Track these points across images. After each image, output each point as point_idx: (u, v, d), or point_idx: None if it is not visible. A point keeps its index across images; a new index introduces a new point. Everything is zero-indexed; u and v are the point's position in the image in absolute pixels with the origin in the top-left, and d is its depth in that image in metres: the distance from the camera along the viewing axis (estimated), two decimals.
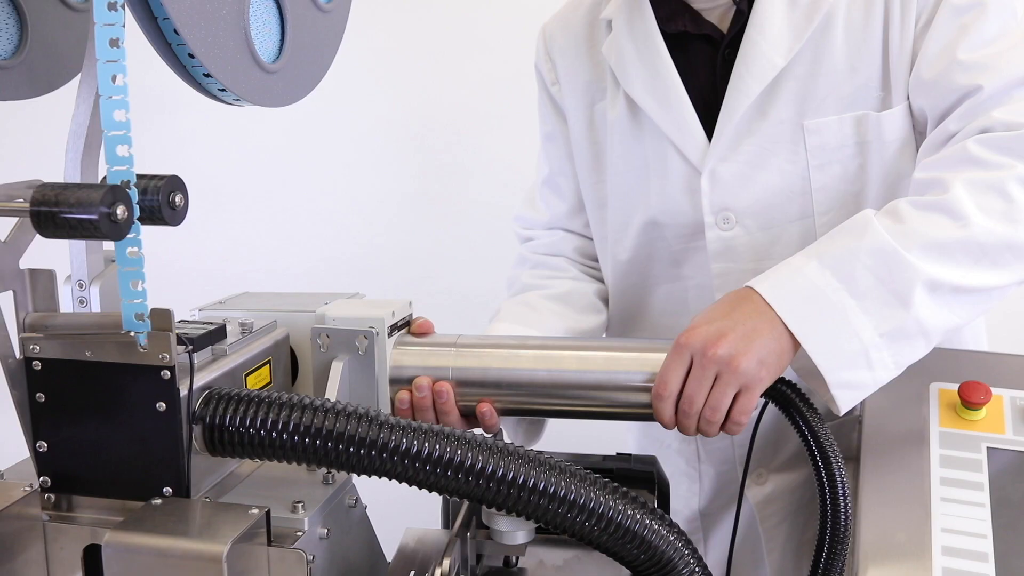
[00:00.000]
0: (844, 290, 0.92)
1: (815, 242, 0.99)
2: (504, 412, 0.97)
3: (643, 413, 0.94)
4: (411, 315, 1.01)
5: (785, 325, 0.91)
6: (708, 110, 1.16)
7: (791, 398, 0.94)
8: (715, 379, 0.90)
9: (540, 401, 0.96)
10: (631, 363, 0.94)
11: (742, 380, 0.90)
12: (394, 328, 0.96)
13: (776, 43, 1.10)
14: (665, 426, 0.93)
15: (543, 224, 1.39)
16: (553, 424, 1.10)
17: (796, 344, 0.92)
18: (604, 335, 1.36)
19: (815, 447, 0.92)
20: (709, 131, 1.15)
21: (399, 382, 0.96)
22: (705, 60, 1.17)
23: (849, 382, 0.92)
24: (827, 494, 0.91)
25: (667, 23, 1.17)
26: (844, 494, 0.90)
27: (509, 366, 0.96)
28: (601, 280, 1.36)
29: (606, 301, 1.35)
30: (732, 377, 0.89)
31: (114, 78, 0.68)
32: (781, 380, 0.94)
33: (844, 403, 0.93)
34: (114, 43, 0.67)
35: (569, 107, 1.31)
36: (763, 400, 0.94)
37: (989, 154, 0.96)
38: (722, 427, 0.92)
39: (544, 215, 1.39)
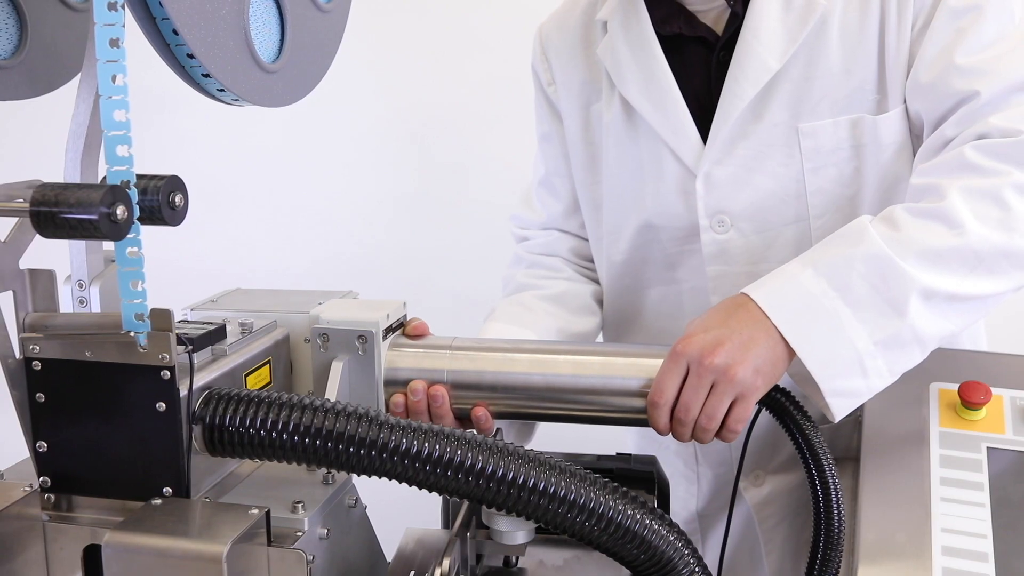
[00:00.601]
0: (839, 298, 0.92)
1: (811, 248, 0.98)
2: (499, 416, 0.97)
3: (638, 418, 0.94)
4: (405, 316, 1.00)
5: (780, 333, 0.91)
6: (703, 112, 1.15)
7: (785, 405, 0.94)
8: (711, 387, 0.90)
9: (535, 405, 0.96)
10: (627, 368, 0.94)
11: (738, 389, 0.90)
12: (389, 330, 0.96)
13: (770, 46, 1.10)
14: (660, 433, 0.93)
15: (539, 224, 1.39)
16: (551, 423, 1.10)
17: (791, 352, 0.92)
18: (599, 337, 1.36)
19: (808, 454, 0.92)
20: (704, 134, 1.15)
21: (394, 384, 0.96)
22: (700, 62, 1.16)
23: (844, 390, 0.92)
24: (820, 501, 0.91)
25: (662, 25, 1.17)
26: (838, 502, 0.91)
27: (504, 369, 0.95)
28: (597, 281, 1.36)
29: (601, 303, 1.35)
30: (728, 386, 0.89)
31: (114, 78, 0.68)
32: (775, 387, 0.94)
33: (839, 411, 0.93)
34: (114, 43, 0.67)
35: (565, 108, 1.31)
36: (757, 407, 0.94)
37: (986, 161, 0.96)
38: (717, 435, 0.92)
39: (540, 215, 1.39)
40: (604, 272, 1.32)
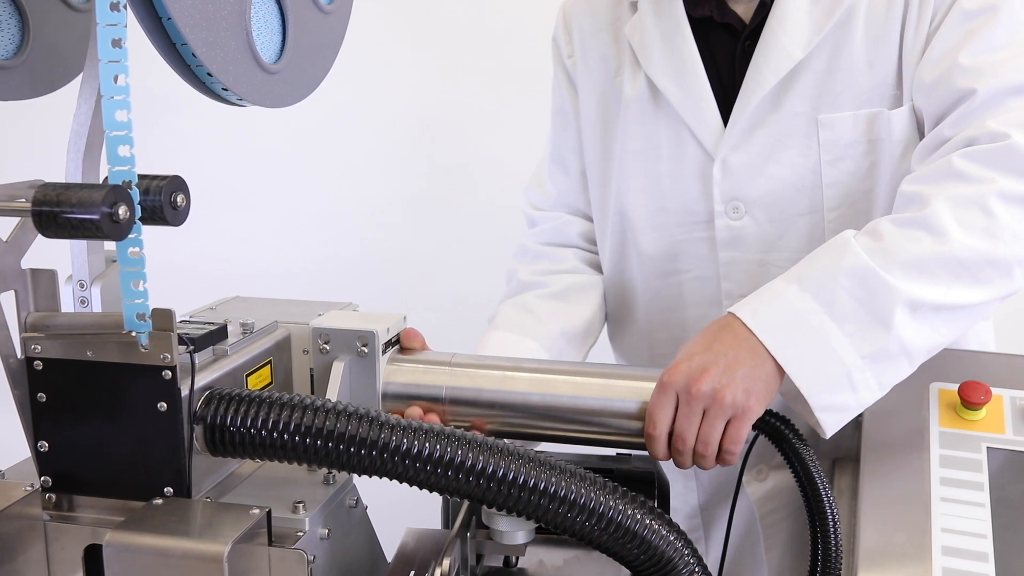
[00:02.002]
0: (825, 313, 0.91)
1: (797, 264, 0.98)
2: (496, 435, 0.96)
3: (636, 442, 0.93)
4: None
5: (768, 351, 0.91)
6: (726, 99, 1.16)
7: (783, 432, 0.93)
8: (703, 414, 0.90)
9: (533, 425, 0.95)
10: (627, 391, 0.93)
11: (729, 412, 0.89)
12: (388, 344, 0.95)
13: (795, 36, 1.10)
14: (660, 461, 0.93)
15: (549, 203, 1.38)
16: None
17: (782, 369, 0.91)
18: (605, 327, 1.36)
19: (808, 485, 0.91)
20: (725, 121, 1.16)
21: (392, 399, 0.95)
22: (725, 50, 1.17)
23: (833, 405, 0.92)
24: (818, 532, 0.91)
25: (693, 8, 1.18)
26: (835, 530, 0.90)
27: (504, 388, 0.94)
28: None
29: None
30: (719, 410, 0.89)
31: (116, 78, 0.68)
32: (772, 413, 0.93)
33: (829, 426, 0.93)
34: (116, 43, 0.67)
35: (582, 82, 1.31)
36: (754, 432, 0.94)
37: (972, 168, 0.96)
38: (716, 459, 0.92)
39: (551, 194, 1.38)
40: (606, 254, 1.32)
